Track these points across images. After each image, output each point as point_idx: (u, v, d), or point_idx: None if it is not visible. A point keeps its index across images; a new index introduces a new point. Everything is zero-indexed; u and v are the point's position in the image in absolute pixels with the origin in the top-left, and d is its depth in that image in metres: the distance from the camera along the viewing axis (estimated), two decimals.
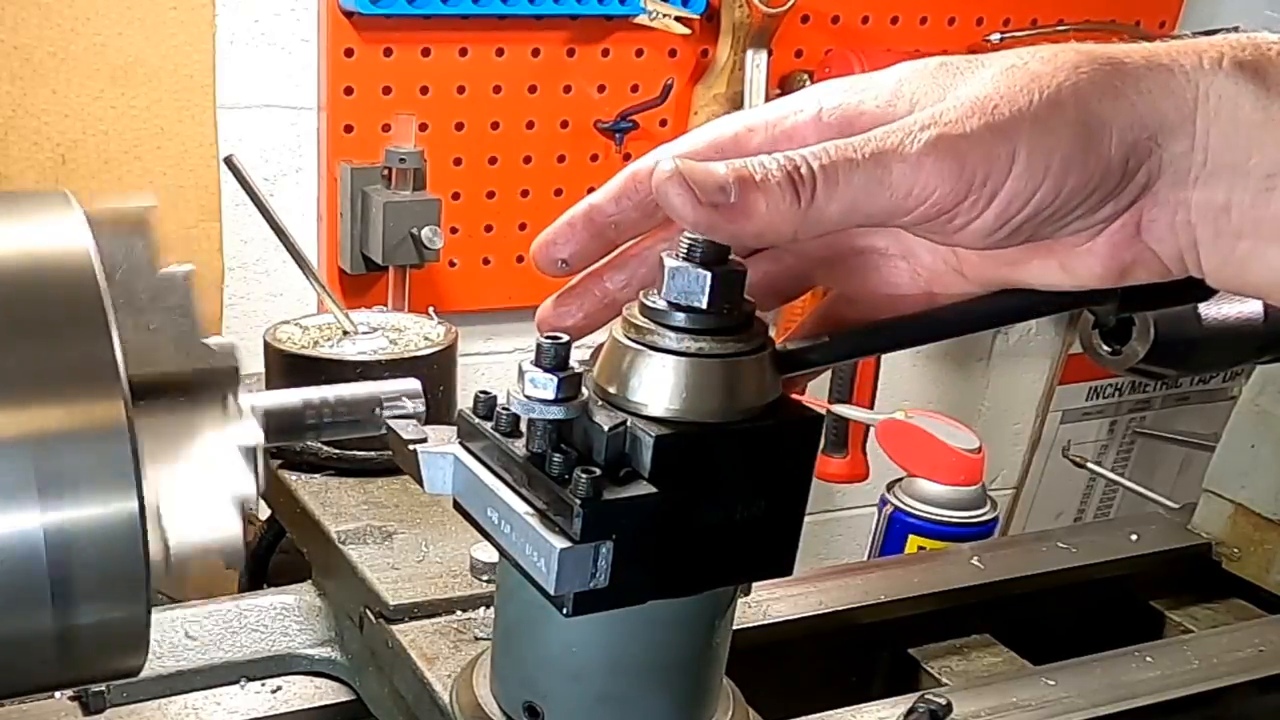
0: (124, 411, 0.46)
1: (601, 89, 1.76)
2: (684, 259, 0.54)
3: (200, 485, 0.51)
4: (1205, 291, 0.54)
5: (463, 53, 1.66)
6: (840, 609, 1.03)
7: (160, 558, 0.48)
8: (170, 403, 0.53)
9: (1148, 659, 0.97)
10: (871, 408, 1.81)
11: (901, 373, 2.18)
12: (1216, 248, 0.49)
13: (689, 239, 0.53)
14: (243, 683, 0.93)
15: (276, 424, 0.62)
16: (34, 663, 0.49)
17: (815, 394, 1.94)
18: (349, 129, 1.64)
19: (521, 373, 0.54)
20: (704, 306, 0.54)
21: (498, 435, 0.57)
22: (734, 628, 0.63)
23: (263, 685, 0.94)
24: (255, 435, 0.55)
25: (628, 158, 1.80)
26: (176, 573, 0.49)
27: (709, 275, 0.53)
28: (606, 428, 0.53)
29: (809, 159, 0.47)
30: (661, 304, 0.54)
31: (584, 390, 0.55)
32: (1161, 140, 0.48)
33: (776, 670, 0.96)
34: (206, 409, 0.54)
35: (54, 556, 0.46)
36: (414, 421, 0.63)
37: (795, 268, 0.61)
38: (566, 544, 0.51)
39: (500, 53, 1.68)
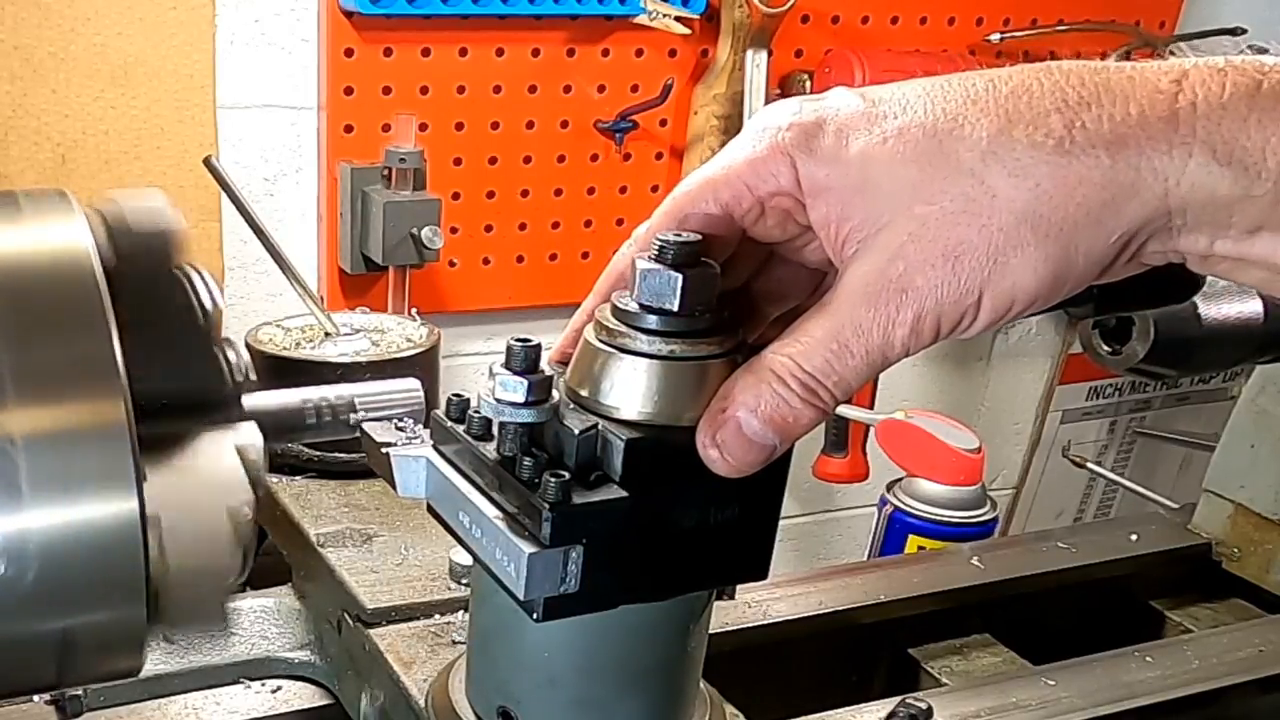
0: (124, 411, 0.46)
1: (601, 89, 1.76)
2: (656, 261, 0.53)
3: (200, 487, 0.51)
4: (1183, 295, 0.55)
5: (463, 53, 1.66)
6: (840, 609, 1.03)
7: (158, 564, 0.48)
8: (171, 404, 0.53)
9: (1148, 659, 0.97)
10: (871, 408, 1.81)
11: (901, 373, 2.18)
12: (1202, 269, 0.51)
13: (661, 240, 0.53)
14: (244, 683, 0.93)
15: (276, 424, 0.62)
16: (33, 663, 0.49)
17: None
18: (349, 129, 1.64)
19: (492, 375, 0.53)
20: (675, 309, 0.53)
21: (469, 438, 0.56)
22: (734, 628, 0.62)
23: (263, 685, 0.93)
24: (256, 436, 0.55)
25: (628, 158, 1.80)
26: (174, 582, 0.49)
27: (680, 277, 0.53)
28: (577, 431, 0.53)
29: (823, 381, 0.51)
30: (633, 306, 0.54)
31: (555, 393, 0.54)
32: (1136, 234, 0.48)
33: (776, 670, 0.96)
34: (207, 410, 0.54)
35: (53, 557, 0.46)
36: (390, 423, 0.62)
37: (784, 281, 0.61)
38: (535, 548, 0.51)
39: (500, 53, 1.68)
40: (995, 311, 0.50)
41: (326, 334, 1.10)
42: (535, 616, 0.53)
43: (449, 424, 0.58)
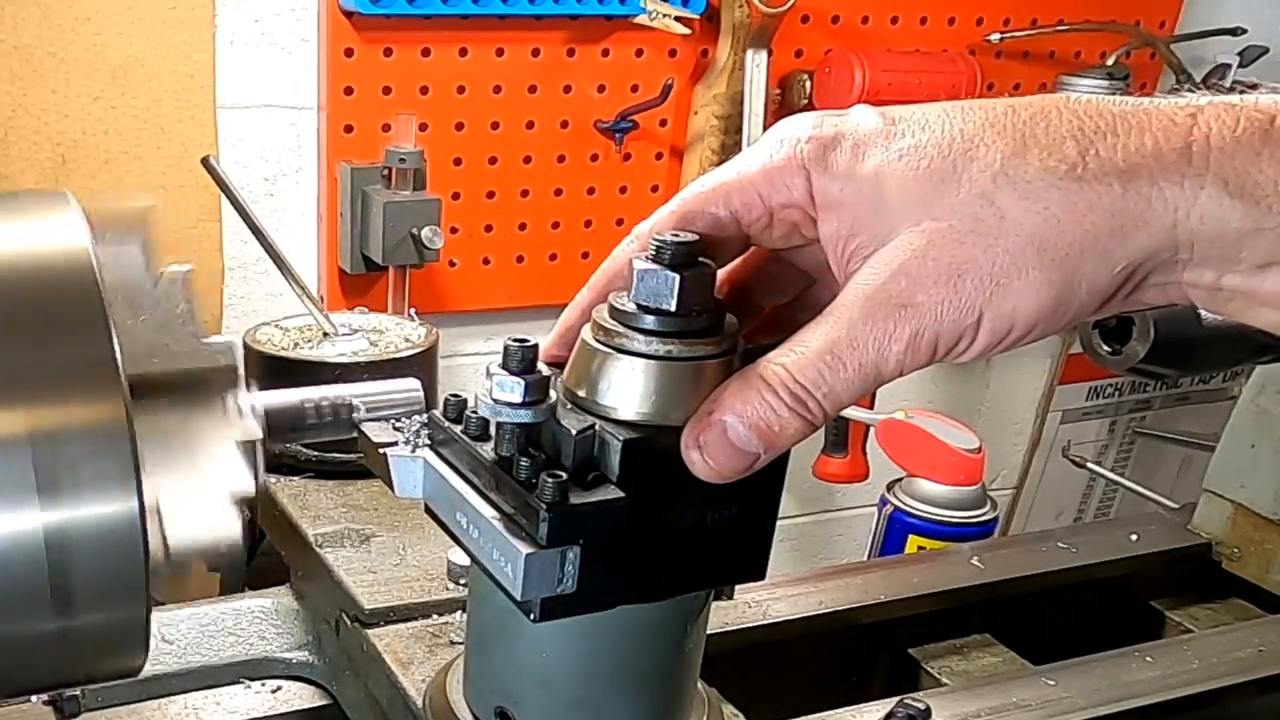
0: (124, 411, 0.46)
1: (601, 89, 1.76)
2: (653, 261, 0.53)
3: (200, 485, 0.51)
4: None
5: (463, 53, 1.66)
6: (840, 609, 1.03)
7: (160, 556, 0.48)
8: (170, 402, 0.53)
9: (1148, 659, 0.97)
10: (871, 408, 1.81)
11: None
12: (1208, 305, 0.51)
13: (658, 240, 0.53)
14: (243, 683, 0.93)
15: (276, 424, 0.62)
16: (34, 662, 0.49)
17: None
18: (349, 129, 1.64)
19: (489, 375, 0.53)
20: (673, 309, 0.53)
21: (467, 438, 0.56)
22: (734, 628, 0.62)
23: (263, 685, 0.93)
24: (255, 435, 0.55)
25: (628, 158, 1.80)
26: (176, 572, 0.49)
27: (677, 278, 0.53)
28: (574, 431, 0.53)
29: (813, 392, 0.51)
30: (630, 306, 0.54)
31: (552, 393, 0.54)
32: (1140, 266, 0.49)
33: (776, 670, 0.96)
34: (206, 409, 0.54)
35: (54, 557, 0.46)
36: (388, 423, 0.62)
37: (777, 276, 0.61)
38: (532, 549, 0.51)
39: (500, 53, 1.68)
40: (994, 334, 0.49)
41: (325, 334, 1.10)
42: (532, 617, 0.53)
43: (446, 424, 0.58)
